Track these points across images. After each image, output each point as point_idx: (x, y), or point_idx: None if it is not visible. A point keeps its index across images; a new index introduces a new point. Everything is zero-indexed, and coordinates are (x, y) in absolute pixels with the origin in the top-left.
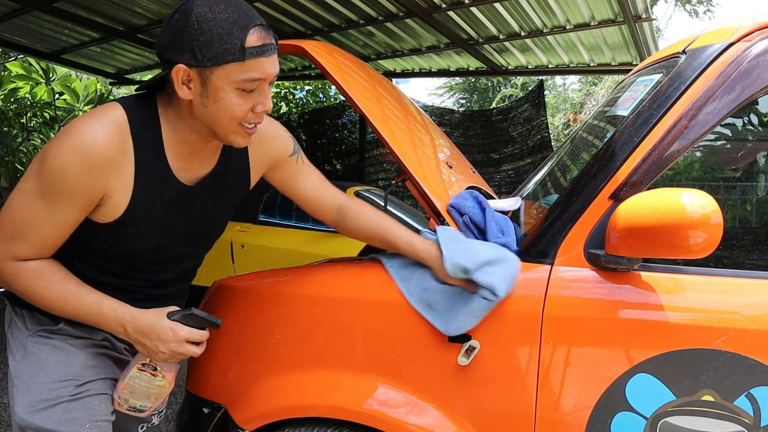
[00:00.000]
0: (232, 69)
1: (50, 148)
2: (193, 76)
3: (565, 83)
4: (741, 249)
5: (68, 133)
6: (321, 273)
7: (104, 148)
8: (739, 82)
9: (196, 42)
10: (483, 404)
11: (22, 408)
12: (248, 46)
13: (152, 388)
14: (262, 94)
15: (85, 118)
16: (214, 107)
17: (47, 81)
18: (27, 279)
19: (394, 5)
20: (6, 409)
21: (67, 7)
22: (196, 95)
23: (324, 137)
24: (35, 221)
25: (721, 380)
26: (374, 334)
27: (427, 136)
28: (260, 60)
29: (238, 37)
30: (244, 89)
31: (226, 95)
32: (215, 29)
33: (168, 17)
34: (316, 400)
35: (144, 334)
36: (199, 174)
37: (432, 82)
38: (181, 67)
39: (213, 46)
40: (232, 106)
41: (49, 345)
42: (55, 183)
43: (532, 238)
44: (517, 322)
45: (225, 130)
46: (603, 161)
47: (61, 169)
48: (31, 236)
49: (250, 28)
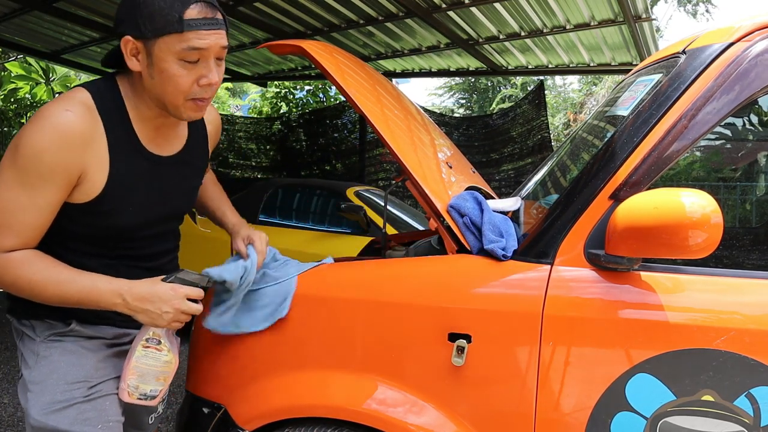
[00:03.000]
0: (172, 40)
1: (24, 134)
2: (140, 48)
3: (565, 83)
4: (741, 249)
5: (40, 116)
6: (321, 273)
7: (78, 125)
8: (739, 82)
9: (139, 14)
10: (483, 404)
11: (36, 410)
12: (187, 17)
13: (160, 365)
14: (206, 67)
15: (52, 103)
16: (159, 78)
17: (47, 81)
18: (16, 269)
19: (394, 5)
20: (6, 409)
21: (67, 7)
22: (144, 67)
23: (324, 137)
24: (17, 209)
25: (721, 380)
26: (374, 334)
27: (427, 136)
28: (200, 32)
29: (177, 9)
30: (186, 60)
31: (169, 65)
32: (157, 2)
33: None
34: (316, 400)
35: (145, 299)
36: (171, 148)
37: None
38: (129, 38)
39: (154, 18)
40: (176, 77)
41: (60, 348)
42: (34, 166)
43: (532, 238)
44: (517, 321)
45: (173, 102)
46: (603, 161)
47: (38, 151)
48: (14, 225)
49: (191, 2)
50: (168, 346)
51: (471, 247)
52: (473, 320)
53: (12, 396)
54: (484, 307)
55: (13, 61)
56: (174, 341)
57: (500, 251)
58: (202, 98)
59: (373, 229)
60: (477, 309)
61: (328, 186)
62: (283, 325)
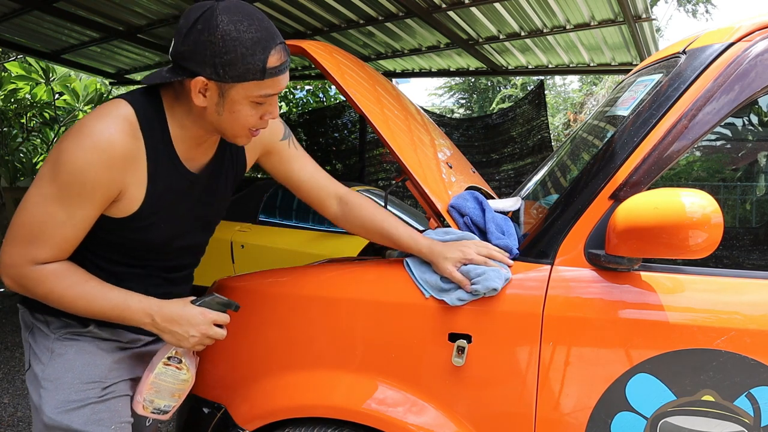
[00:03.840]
0: (251, 86)
1: (65, 149)
2: (211, 87)
3: (565, 83)
4: (741, 249)
5: (83, 132)
6: (321, 273)
7: (121, 144)
8: (739, 82)
9: (219, 59)
10: (483, 404)
11: (50, 408)
12: (269, 66)
13: (177, 383)
14: (272, 104)
15: (95, 117)
16: (228, 117)
17: (47, 81)
18: (49, 282)
19: (394, 5)
20: (6, 409)
21: (67, 7)
22: (212, 104)
23: (324, 137)
24: (54, 224)
25: (721, 380)
26: (374, 334)
27: (427, 136)
28: (276, 78)
29: (260, 58)
30: (258, 102)
31: (242, 107)
32: (239, 49)
33: (188, 23)
34: (316, 400)
35: (173, 321)
36: (202, 162)
37: (432, 82)
38: (201, 79)
39: (236, 65)
40: (246, 117)
41: (75, 346)
42: (75, 183)
43: (532, 238)
44: (517, 321)
45: (234, 134)
46: (603, 161)
47: (81, 169)
48: (50, 239)
49: (271, 49)
50: (188, 365)
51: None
52: (473, 320)
53: (12, 396)
54: (484, 307)
55: (13, 61)
56: (193, 360)
57: (515, 249)
58: (258, 129)
59: None
60: (477, 309)
61: None
62: (283, 325)
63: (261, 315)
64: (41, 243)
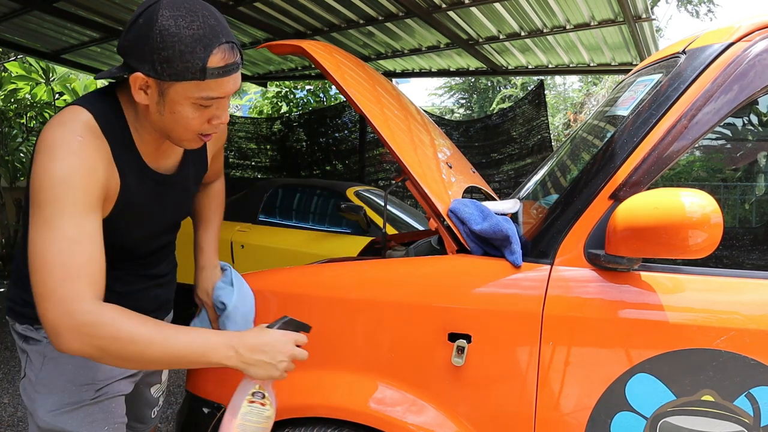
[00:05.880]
0: (191, 86)
1: (41, 168)
2: (151, 84)
3: (565, 83)
4: (741, 249)
5: (50, 146)
6: (321, 273)
7: (91, 144)
8: (739, 82)
9: (156, 55)
10: (483, 404)
11: (44, 411)
12: (210, 66)
13: (261, 421)
14: (219, 107)
15: (55, 127)
16: (170, 117)
17: (47, 81)
18: (112, 320)
19: (394, 5)
20: (6, 409)
21: (67, 7)
22: (153, 102)
23: (324, 137)
24: (69, 246)
25: (721, 380)
26: (374, 335)
27: (427, 136)
28: (220, 80)
29: (200, 56)
30: (202, 105)
31: (183, 108)
32: (177, 45)
33: (131, 19)
34: (317, 400)
35: (258, 349)
36: (168, 163)
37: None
38: (140, 75)
39: (173, 63)
40: (188, 119)
41: None
42: (66, 194)
43: (532, 238)
44: (517, 321)
45: (179, 137)
46: (603, 161)
47: (65, 177)
48: (76, 265)
49: (213, 48)
50: (270, 400)
51: (470, 248)
52: (473, 320)
53: (12, 396)
54: (484, 307)
55: (13, 61)
56: (273, 392)
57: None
58: (209, 134)
59: (373, 229)
60: (477, 309)
61: (328, 186)
62: None
63: (260, 315)
64: (74, 277)
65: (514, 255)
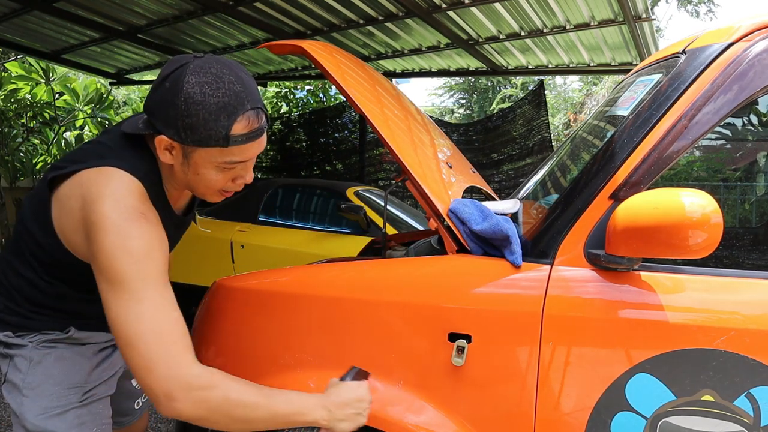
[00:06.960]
0: (214, 152)
1: (117, 249)
2: (176, 147)
3: (565, 83)
4: (741, 249)
5: (118, 224)
6: (321, 273)
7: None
8: (739, 82)
9: (181, 122)
10: (483, 404)
11: (33, 415)
12: (233, 134)
13: None
14: (244, 169)
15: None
16: (194, 177)
17: (47, 81)
18: (222, 382)
19: (394, 5)
20: (6, 409)
21: (67, 7)
22: (177, 163)
23: (324, 137)
24: (163, 317)
25: (721, 380)
26: (374, 334)
27: (427, 136)
28: (243, 146)
29: (224, 124)
30: (226, 168)
31: (207, 171)
32: (202, 113)
33: (159, 79)
34: None
35: (346, 405)
36: (182, 204)
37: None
38: (164, 138)
39: (197, 130)
40: (211, 180)
41: (54, 353)
42: (150, 269)
43: (532, 238)
44: (517, 321)
45: (203, 193)
46: (603, 161)
47: (147, 253)
48: (172, 334)
49: (238, 116)
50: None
51: (470, 248)
52: (473, 320)
53: None
54: (484, 307)
55: (13, 61)
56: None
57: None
58: (232, 191)
59: (373, 229)
60: (477, 309)
61: (328, 186)
62: (283, 325)
63: (261, 315)
64: (171, 341)
65: (514, 255)
